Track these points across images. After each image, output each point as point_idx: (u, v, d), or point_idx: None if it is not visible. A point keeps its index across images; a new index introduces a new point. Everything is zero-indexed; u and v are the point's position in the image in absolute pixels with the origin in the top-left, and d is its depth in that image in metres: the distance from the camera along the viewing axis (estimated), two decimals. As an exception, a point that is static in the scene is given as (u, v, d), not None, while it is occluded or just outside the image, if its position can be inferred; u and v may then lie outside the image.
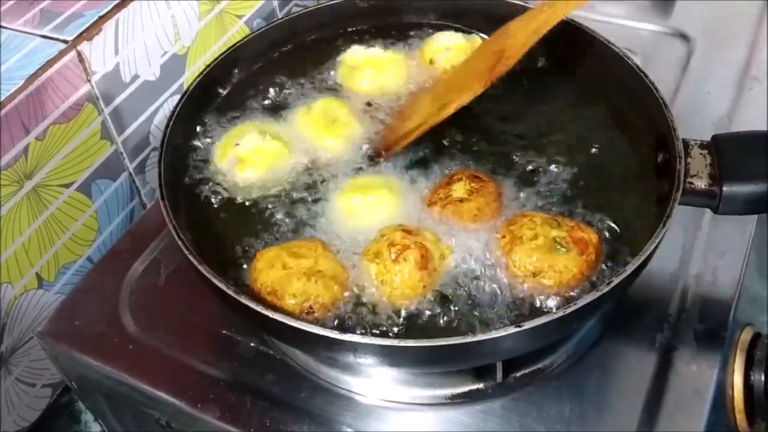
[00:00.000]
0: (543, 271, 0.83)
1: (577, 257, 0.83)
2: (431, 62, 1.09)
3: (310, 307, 0.82)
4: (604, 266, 0.85)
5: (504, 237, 0.87)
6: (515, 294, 0.84)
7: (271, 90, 1.08)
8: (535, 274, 0.83)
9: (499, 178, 0.95)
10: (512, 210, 0.91)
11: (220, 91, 1.07)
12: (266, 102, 1.07)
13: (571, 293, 0.83)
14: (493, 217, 0.90)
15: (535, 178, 0.96)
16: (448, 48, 1.09)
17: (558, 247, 0.83)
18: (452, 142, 1.01)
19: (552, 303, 0.83)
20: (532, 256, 0.83)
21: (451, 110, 0.95)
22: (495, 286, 0.85)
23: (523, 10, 1.07)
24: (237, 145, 0.97)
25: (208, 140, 1.02)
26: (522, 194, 0.94)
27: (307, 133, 1.02)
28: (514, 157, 0.98)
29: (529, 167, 0.97)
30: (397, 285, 0.83)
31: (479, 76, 0.96)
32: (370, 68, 1.08)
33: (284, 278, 0.83)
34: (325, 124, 1.01)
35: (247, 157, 0.97)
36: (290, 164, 0.99)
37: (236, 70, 1.09)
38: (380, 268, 0.84)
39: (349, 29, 1.16)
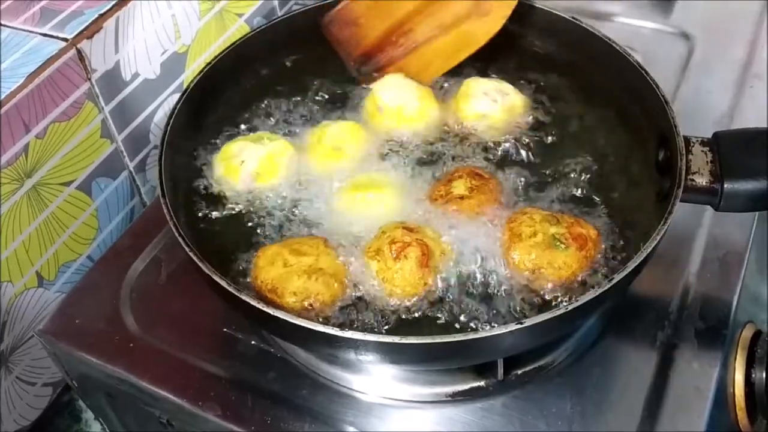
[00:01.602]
0: (542, 267, 0.83)
1: (577, 253, 0.83)
2: (460, 123, 1.02)
3: (311, 305, 0.82)
4: (605, 263, 0.85)
5: (503, 234, 0.87)
6: (515, 291, 0.84)
7: (273, 96, 1.09)
8: (534, 271, 0.84)
9: (500, 175, 0.95)
10: (513, 207, 0.91)
11: (221, 90, 1.07)
12: (265, 108, 1.07)
13: (572, 290, 0.83)
14: (494, 214, 0.90)
15: (536, 176, 0.96)
16: (484, 116, 1.01)
17: (557, 243, 0.84)
18: (453, 140, 1.01)
19: (552, 299, 0.83)
20: (531, 253, 0.84)
21: (467, 53, 1.00)
22: (496, 282, 0.85)
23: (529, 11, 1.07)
24: (243, 162, 0.96)
25: (209, 138, 1.02)
26: (523, 191, 0.94)
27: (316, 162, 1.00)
28: (515, 154, 0.98)
29: (530, 164, 0.97)
30: (398, 282, 0.84)
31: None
32: (394, 119, 1.02)
33: (284, 276, 0.83)
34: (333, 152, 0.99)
35: (260, 168, 0.96)
36: (296, 160, 0.99)
37: (236, 70, 1.09)
38: (381, 265, 0.84)
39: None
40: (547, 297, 0.83)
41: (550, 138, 1.01)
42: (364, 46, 1.04)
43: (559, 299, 0.83)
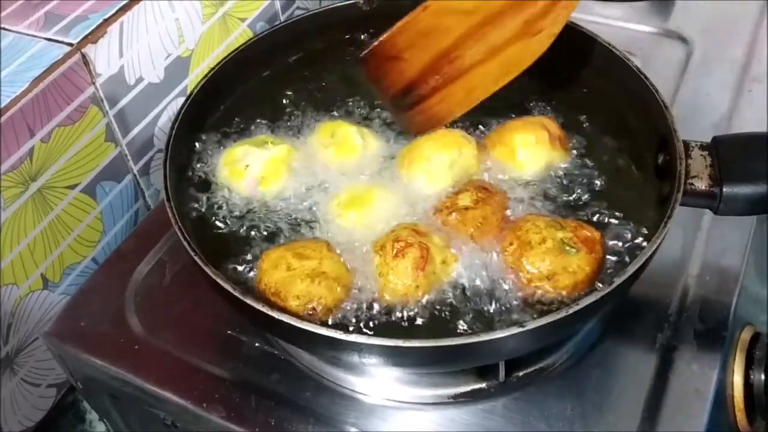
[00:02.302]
0: (557, 273, 0.83)
1: (587, 256, 0.84)
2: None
3: (313, 309, 0.83)
4: (605, 267, 0.86)
5: (511, 244, 0.87)
6: (526, 298, 0.84)
7: (276, 101, 1.09)
8: (550, 277, 0.84)
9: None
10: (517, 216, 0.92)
11: (225, 95, 1.08)
12: (269, 113, 1.08)
13: (583, 293, 0.84)
14: (499, 226, 0.90)
15: (537, 181, 0.97)
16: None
17: (567, 248, 0.84)
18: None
19: (559, 303, 0.83)
20: (545, 260, 0.84)
21: (514, 75, 0.92)
22: (503, 291, 0.85)
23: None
24: (247, 166, 0.97)
25: (213, 142, 1.03)
26: (525, 198, 0.94)
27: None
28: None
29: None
30: (391, 279, 0.84)
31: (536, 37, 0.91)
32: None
33: (288, 279, 0.84)
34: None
35: (265, 173, 0.97)
36: (300, 164, 0.99)
37: (239, 75, 1.09)
38: (381, 260, 0.85)
39: (355, 36, 1.16)
40: (560, 301, 0.84)
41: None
42: (406, 80, 0.95)
43: (564, 302, 0.84)
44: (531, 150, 0.96)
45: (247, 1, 1.32)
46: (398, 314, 0.84)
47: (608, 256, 0.87)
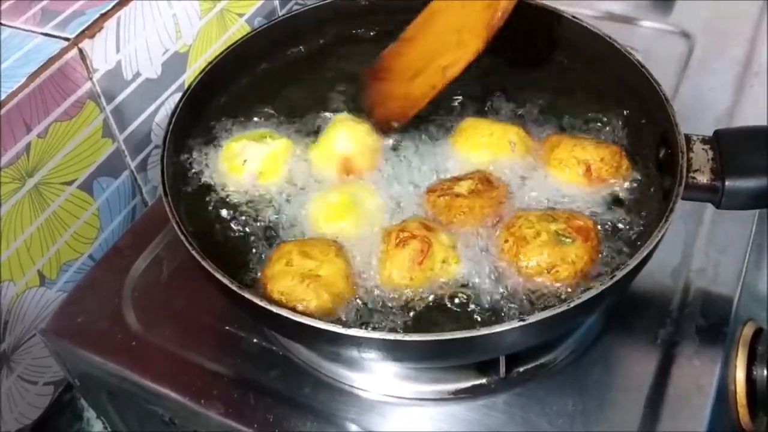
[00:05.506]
0: (557, 265, 0.83)
1: (584, 244, 0.83)
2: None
3: (293, 309, 0.80)
4: (607, 261, 0.85)
5: (507, 241, 0.86)
6: (527, 292, 0.83)
7: (274, 96, 1.09)
8: (549, 270, 0.83)
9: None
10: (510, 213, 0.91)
11: (223, 89, 1.07)
12: (267, 107, 1.07)
13: (584, 282, 0.83)
14: (485, 221, 0.89)
15: (537, 175, 0.96)
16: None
17: (563, 238, 0.84)
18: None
19: (561, 296, 0.83)
20: (543, 253, 0.83)
21: (457, 71, 0.92)
22: (504, 285, 0.84)
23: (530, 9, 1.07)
24: (245, 161, 0.96)
25: (210, 138, 1.02)
26: (522, 193, 0.94)
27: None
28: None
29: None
30: (388, 267, 0.84)
31: (475, 31, 0.91)
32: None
33: (280, 274, 0.83)
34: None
35: (263, 167, 0.96)
36: (298, 159, 0.99)
37: (237, 70, 1.09)
38: (384, 247, 0.86)
39: (353, 31, 1.16)
40: (562, 293, 0.83)
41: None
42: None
43: (567, 294, 0.83)
44: (561, 180, 0.94)
45: (245, -3, 1.32)
46: (399, 308, 0.83)
47: (609, 251, 0.86)
